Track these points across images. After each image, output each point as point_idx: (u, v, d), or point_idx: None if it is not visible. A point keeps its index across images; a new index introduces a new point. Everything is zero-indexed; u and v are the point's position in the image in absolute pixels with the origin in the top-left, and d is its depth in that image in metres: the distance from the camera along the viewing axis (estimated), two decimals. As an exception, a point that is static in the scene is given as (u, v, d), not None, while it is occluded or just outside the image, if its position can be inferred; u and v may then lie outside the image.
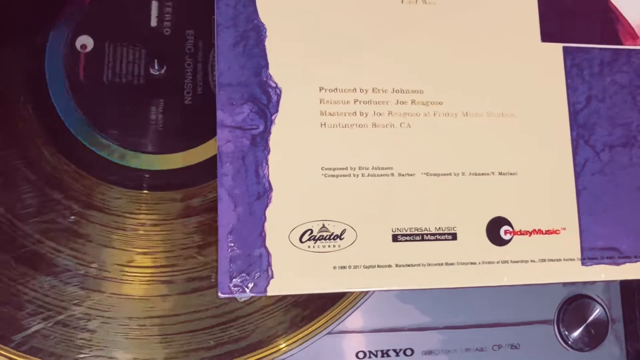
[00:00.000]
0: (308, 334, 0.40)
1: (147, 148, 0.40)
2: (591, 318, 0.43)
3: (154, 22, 0.41)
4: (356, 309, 0.40)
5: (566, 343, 0.43)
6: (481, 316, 0.42)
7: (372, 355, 0.41)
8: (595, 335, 0.43)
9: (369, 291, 0.40)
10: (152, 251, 0.39)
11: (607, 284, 0.44)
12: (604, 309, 0.43)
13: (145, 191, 0.40)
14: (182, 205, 0.40)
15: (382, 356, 0.41)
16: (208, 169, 0.40)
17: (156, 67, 0.39)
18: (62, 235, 0.38)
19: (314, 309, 0.40)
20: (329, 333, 0.40)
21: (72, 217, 0.38)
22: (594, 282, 0.43)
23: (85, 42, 0.40)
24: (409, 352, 0.41)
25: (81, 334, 0.38)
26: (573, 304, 0.43)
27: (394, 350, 0.41)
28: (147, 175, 0.40)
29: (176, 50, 0.41)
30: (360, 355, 0.41)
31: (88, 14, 0.40)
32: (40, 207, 0.38)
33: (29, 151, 0.39)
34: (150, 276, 0.39)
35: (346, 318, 0.40)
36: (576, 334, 0.43)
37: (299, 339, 0.40)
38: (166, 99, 0.40)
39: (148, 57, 0.40)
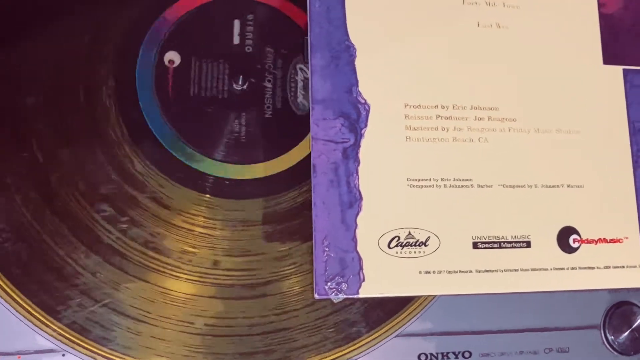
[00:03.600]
0: (378, 336, 0.42)
1: (219, 156, 0.42)
2: (636, 324, 0.45)
3: (236, 40, 0.43)
4: (423, 313, 0.42)
5: (612, 347, 0.45)
6: (534, 321, 0.44)
7: (432, 357, 0.43)
8: (641, 340, 0.45)
9: (435, 296, 0.42)
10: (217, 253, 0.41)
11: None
12: (647, 315, 0.45)
13: (208, 196, 0.41)
14: (241, 214, 0.42)
15: (442, 358, 0.43)
16: (281, 181, 0.42)
17: (240, 83, 0.41)
18: (128, 227, 0.40)
19: (385, 312, 0.42)
20: (397, 336, 0.42)
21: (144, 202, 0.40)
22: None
23: (173, 57, 0.42)
24: (467, 354, 0.43)
25: (120, 319, 0.39)
26: (618, 310, 0.45)
27: (453, 353, 0.43)
28: (209, 183, 0.41)
29: (257, 67, 0.43)
30: (422, 357, 0.43)
31: (175, 31, 0.43)
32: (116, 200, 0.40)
33: (122, 163, 0.41)
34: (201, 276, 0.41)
35: (413, 322, 0.42)
36: (622, 338, 0.45)
37: (368, 342, 0.42)
38: (247, 112, 0.42)
39: (232, 73, 0.42)
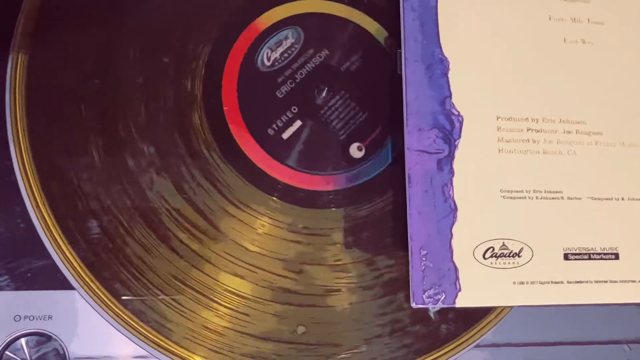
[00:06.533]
0: (454, 347, 0.42)
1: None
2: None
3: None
4: (498, 325, 0.43)
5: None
6: (603, 333, 0.44)
7: (505, 368, 0.43)
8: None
9: (510, 308, 0.43)
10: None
11: None
12: None
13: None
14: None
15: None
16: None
17: (323, 95, 0.42)
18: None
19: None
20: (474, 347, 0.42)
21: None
22: None
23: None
24: (529, 365, 0.43)
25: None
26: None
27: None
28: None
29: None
30: (496, 368, 0.43)
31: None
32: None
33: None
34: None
35: (488, 334, 0.42)
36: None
37: (446, 352, 0.42)
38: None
39: (322, 82, 0.42)
